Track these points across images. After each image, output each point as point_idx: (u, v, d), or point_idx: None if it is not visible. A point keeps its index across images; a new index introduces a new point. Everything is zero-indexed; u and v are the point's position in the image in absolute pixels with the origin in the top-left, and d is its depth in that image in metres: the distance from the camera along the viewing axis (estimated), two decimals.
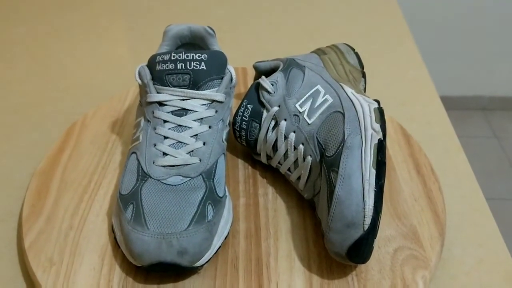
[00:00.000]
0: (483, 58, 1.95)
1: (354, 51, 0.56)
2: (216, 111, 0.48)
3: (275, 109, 0.49)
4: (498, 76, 2.00)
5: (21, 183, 0.55)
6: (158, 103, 0.48)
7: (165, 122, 0.47)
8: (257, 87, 0.51)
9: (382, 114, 0.46)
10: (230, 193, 0.51)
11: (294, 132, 0.48)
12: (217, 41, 0.56)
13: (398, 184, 0.52)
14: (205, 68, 0.47)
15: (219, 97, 0.48)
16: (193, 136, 0.47)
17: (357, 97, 0.48)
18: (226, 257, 0.45)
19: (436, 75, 1.99)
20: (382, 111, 0.46)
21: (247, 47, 0.80)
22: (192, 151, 0.46)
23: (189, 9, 0.91)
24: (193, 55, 0.47)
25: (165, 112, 0.47)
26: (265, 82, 0.51)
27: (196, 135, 0.47)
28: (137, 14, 0.90)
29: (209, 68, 0.48)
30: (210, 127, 0.48)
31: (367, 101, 0.48)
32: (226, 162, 0.54)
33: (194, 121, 0.47)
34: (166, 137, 0.47)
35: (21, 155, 0.59)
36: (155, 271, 0.41)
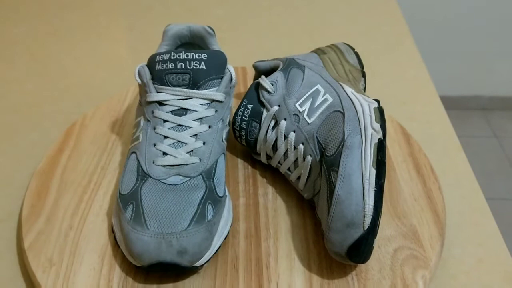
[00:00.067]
0: (482, 58, 1.95)
1: (353, 50, 0.56)
2: (216, 111, 0.48)
3: (275, 108, 0.49)
4: (498, 76, 2.00)
5: (21, 183, 0.55)
6: (157, 103, 0.48)
7: (165, 122, 0.47)
8: (257, 86, 0.51)
9: (382, 114, 0.46)
10: (230, 193, 0.51)
11: (294, 132, 0.48)
12: (216, 40, 0.56)
13: (398, 183, 0.52)
14: (204, 68, 0.47)
15: (219, 97, 0.48)
16: (193, 136, 0.47)
17: (357, 96, 0.48)
18: (226, 257, 0.45)
19: (436, 74, 1.99)
20: (382, 111, 0.46)
21: (247, 46, 0.80)
22: (192, 150, 0.46)
23: (188, 8, 0.91)
24: (193, 54, 0.47)
25: (165, 112, 0.47)
26: (265, 81, 0.51)
27: (196, 134, 0.47)
28: (136, 13, 0.90)
29: (209, 67, 0.47)
30: (210, 126, 0.48)
31: (367, 101, 0.47)
32: (226, 162, 0.54)
33: (194, 120, 0.47)
34: (166, 137, 0.47)
35: (21, 155, 0.59)
36: (155, 271, 0.41)
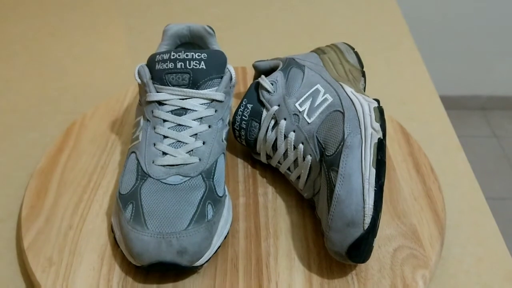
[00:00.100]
0: (482, 57, 1.95)
1: (353, 50, 0.56)
2: (216, 111, 0.48)
3: (274, 108, 0.49)
4: (497, 75, 2.00)
5: (20, 183, 0.55)
6: (157, 103, 0.48)
7: (164, 122, 0.47)
8: (256, 86, 0.51)
9: (382, 113, 0.46)
10: (230, 192, 0.51)
11: (294, 132, 0.48)
12: (216, 40, 0.56)
13: (398, 183, 0.52)
14: (204, 68, 0.47)
15: (218, 97, 0.48)
16: (192, 136, 0.47)
17: (356, 96, 0.48)
18: (226, 257, 0.45)
19: (436, 74, 1.99)
20: (382, 110, 0.46)
21: (247, 46, 0.80)
22: (192, 150, 0.46)
23: (188, 8, 0.91)
24: (193, 54, 0.47)
25: (164, 112, 0.47)
26: (264, 81, 0.51)
27: (196, 134, 0.47)
28: (136, 13, 0.90)
29: (209, 67, 0.47)
30: (209, 126, 0.48)
31: (367, 100, 0.47)
32: (225, 161, 0.54)
33: (194, 120, 0.47)
34: (165, 137, 0.47)
35: (20, 154, 0.59)
36: (154, 270, 0.41)
